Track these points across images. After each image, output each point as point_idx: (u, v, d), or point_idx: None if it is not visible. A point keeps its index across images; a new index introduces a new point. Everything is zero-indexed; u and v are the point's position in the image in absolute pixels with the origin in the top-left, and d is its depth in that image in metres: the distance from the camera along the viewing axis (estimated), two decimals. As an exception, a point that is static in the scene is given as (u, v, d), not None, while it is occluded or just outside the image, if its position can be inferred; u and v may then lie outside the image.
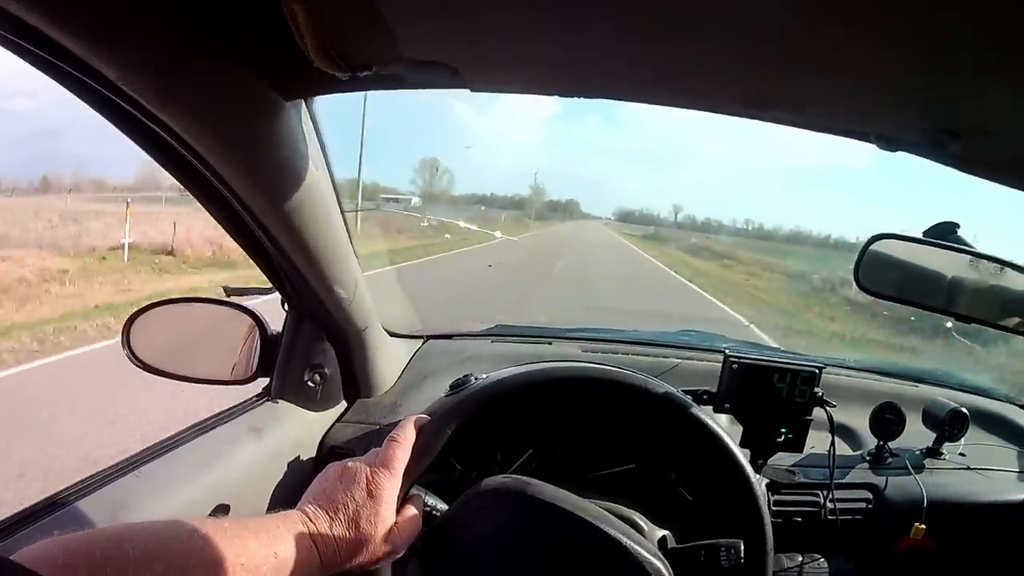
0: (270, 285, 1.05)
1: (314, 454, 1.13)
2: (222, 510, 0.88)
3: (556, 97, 0.74)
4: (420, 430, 0.78)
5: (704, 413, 0.91)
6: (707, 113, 0.74)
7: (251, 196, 0.77)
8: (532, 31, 0.56)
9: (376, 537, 0.67)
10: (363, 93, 0.78)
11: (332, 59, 0.57)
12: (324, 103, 0.81)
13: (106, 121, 0.66)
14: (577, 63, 0.64)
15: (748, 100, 0.67)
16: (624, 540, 0.72)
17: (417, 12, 0.54)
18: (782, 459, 1.16)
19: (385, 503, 0.69)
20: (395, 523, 0.70)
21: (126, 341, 1.04)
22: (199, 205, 0.82)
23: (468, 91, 0.66)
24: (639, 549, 0.71)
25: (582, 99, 0.74)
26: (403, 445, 0.74)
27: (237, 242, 0.91)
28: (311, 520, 0.65)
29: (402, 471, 0.72)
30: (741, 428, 1.09)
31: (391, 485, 0.70)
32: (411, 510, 0.73)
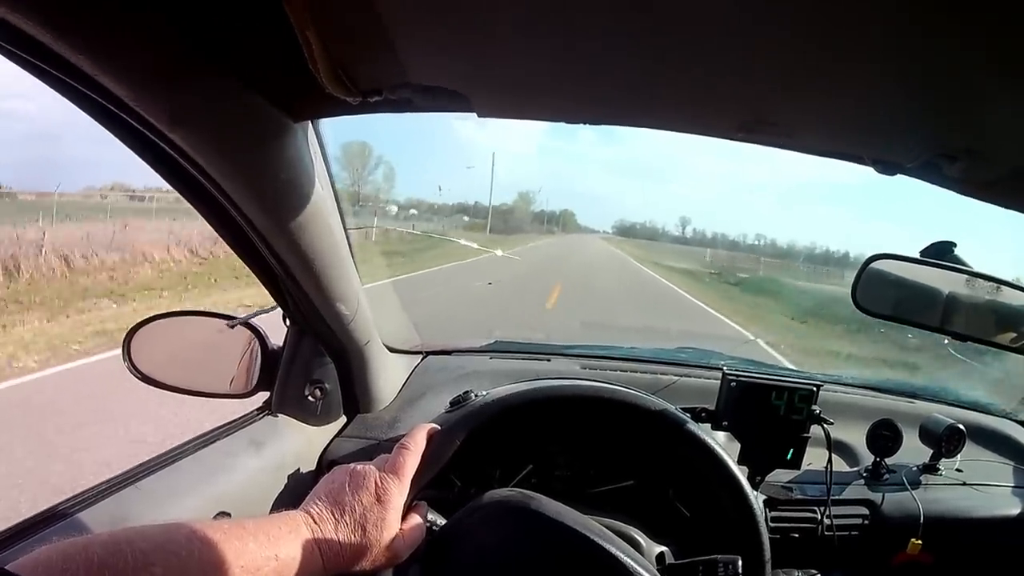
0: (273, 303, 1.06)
1: (313, 468, 1.13)
2: (223, 517, 0.88)
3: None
4: (430, 439, 0.79)
5: (702, 431, 0.92)
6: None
7: (257, 214, 0.78)
8: (537, 61, 0.57)
9: (381, 542, 0.67)
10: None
11: (343, 84, 0.58)
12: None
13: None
14: (580, 91, 0.65)
15: (744, 124, 0.68)
16: (622, 557, 0.72)
17: (427, 40, 0.55)
18: (779, 476, 1.17)
19: (392, 509, 0.69)
20: (400, 530, 0.70)
21: (127, 353, 1.04)
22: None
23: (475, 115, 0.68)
24: (636, 567, 0.72)
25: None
26: (413, 452, 0.75)
27: (241, 258, 0.91)
28: (316, 521, 0.65)
29: (411, 478, 0.73)
30: (739, 445, 1.09)
31: (399, 491, 0.70)
32: (416, 518, 0.74)
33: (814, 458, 1.14)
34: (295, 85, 0.61)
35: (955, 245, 0.93)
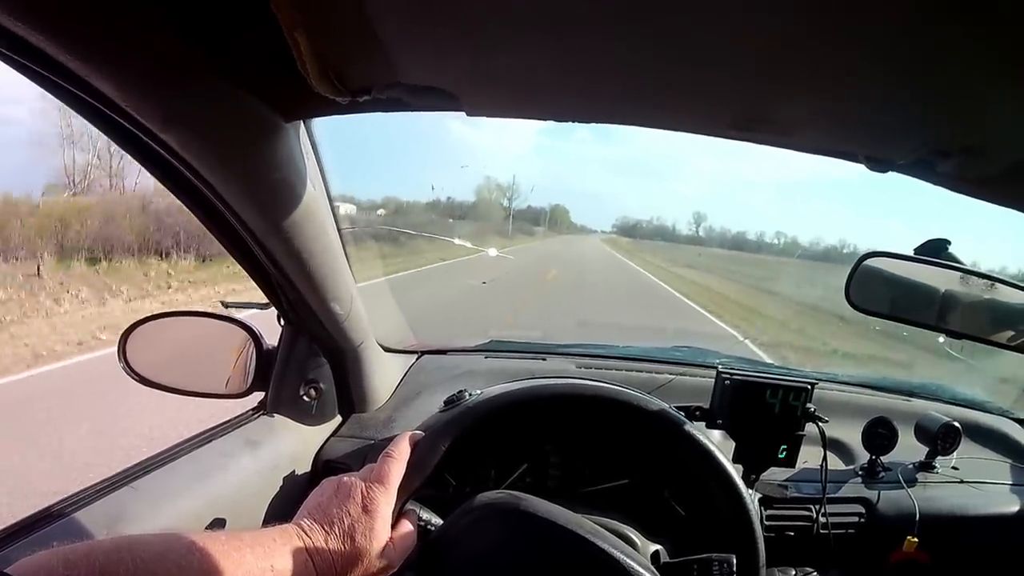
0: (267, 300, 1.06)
1: (309, 468, 1.13)
2: (218, 524, 0.88)
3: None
4: (415, 446, 0.79)
5: (697, 429, 0.92)
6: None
7: (250, 215, 0.78)
8: (528, 59, 0.57)
9: (371, 552, 0.68)
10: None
11: (332, 84, 0.58)
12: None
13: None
14: (570, 90, 0.65)
15: (736, 122, 0.68)
16: (617, 555, 0.72)
17: (416, 39, 0.55)
18: (774, 474, 1.16)
19: (380, 518, 0.69)
20: (390, 538, 0.70)
21: (122, 354, 1.04)
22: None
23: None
24: (632, 564, 0.72)
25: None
26: (398, 460, 0.75)
27: (235, 258, 0.92)
28: (307, 534, 0.65)
29: (397, 486, 0.73)
30: (734, 443, 1.09)
31: (386, 500, 0.71)
32: (406, 525, 0.74)
33: (809, 456, 1.14)
34: (286, 85, 0.62)
35: (949, 243, 0.93)
